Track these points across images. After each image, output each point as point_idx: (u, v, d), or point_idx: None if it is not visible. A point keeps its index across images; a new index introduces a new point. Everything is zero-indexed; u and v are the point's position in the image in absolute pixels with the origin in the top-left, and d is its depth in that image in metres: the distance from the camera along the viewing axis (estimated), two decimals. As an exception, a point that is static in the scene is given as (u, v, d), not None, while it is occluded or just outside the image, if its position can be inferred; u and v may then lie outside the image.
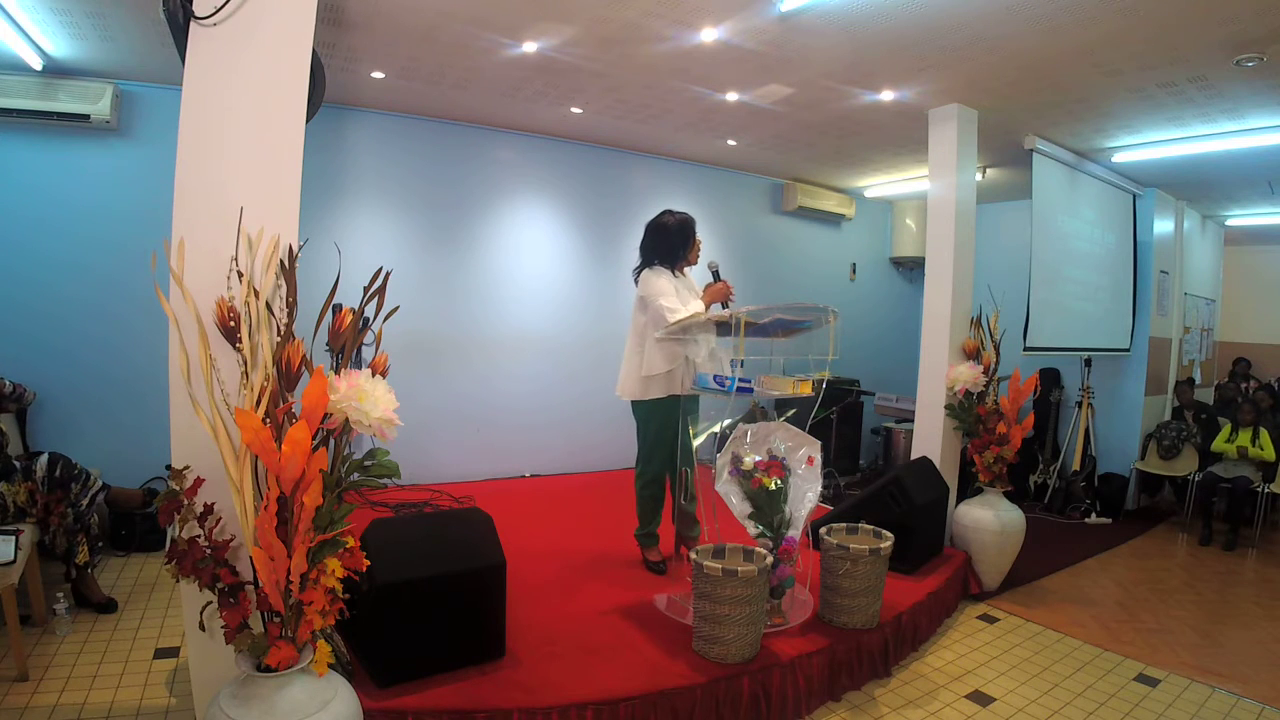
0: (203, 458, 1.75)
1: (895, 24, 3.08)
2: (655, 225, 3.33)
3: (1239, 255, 7.38)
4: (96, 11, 3.15)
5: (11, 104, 3.71)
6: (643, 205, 5.80)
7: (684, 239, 3.30)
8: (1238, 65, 3.26)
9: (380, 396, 1.71)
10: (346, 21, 3.28)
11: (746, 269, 6.36)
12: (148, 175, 3.96)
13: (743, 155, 5.74)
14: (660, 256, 3.29)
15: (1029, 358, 4.86)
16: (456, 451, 5.09)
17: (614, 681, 2.35)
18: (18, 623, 2.53)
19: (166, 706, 2.43)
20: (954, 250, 4.14)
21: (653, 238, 3.32)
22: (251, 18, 1.96)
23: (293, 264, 1.84)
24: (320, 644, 1.68)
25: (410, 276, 4.78)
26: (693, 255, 3.36)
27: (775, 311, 2.81)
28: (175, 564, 1.65)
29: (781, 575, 2.76)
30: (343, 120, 4.65)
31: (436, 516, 3.01)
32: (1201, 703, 2.84)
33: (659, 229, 3.31)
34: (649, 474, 3.37)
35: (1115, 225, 5.53)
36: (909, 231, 7.26)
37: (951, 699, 2.79)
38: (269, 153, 1.99)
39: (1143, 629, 3.53)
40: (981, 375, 3.93)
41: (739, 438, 2.91)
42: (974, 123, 4.21)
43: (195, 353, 1.74)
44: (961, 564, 3.76)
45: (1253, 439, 5.12)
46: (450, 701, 2.17)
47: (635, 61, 3.68)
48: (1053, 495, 5.65)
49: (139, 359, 3.91)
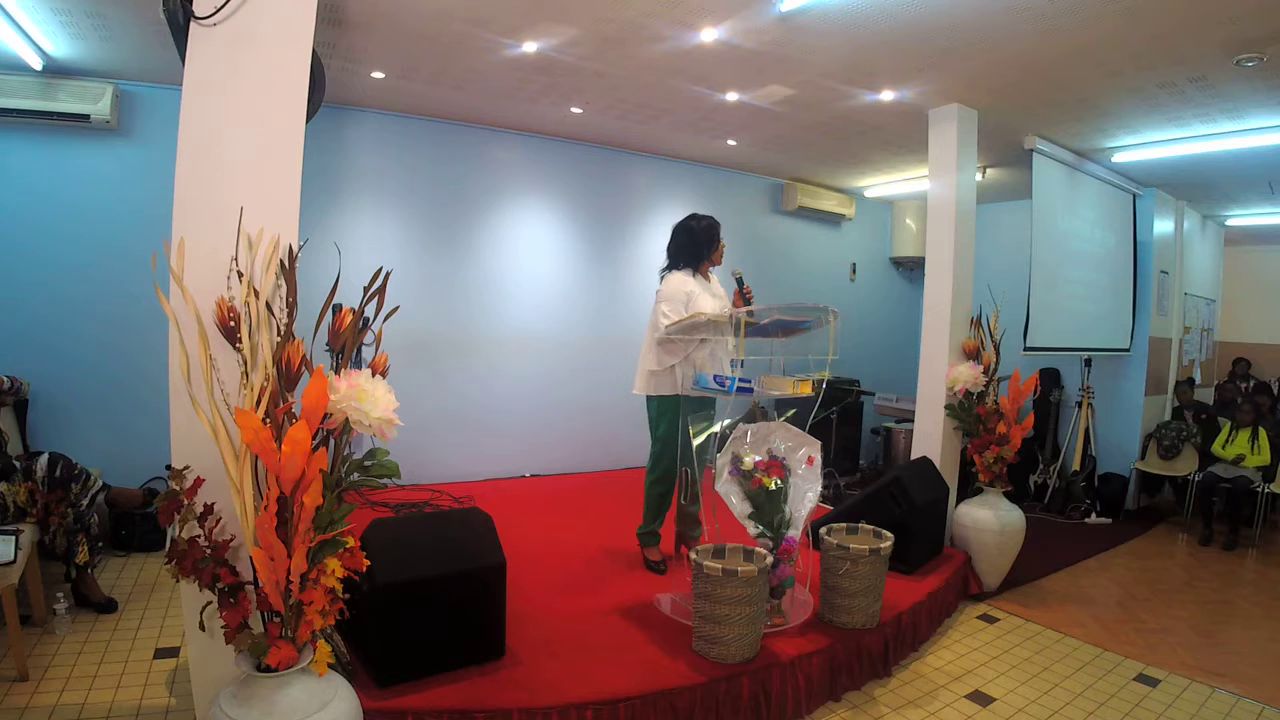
0: (203, 458, 1.75)
1: (895, 24, 3.08)
2: (681, 228, 3.41)
3: (1239, 255, 7.38)
4: (96, 12, 3.15)
5: (11, 104, 3.71)
6: (643, 205, 5.81)
7: (708, 242, 3.37)
8: (1238, 65, 3.26)
9: (380, 396, 1.71)
10: (346, 21, 3.28)
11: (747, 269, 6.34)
12: (148, 175, 3.97)
13: (743, 155, 5.74)
14: (684, 259, 3.37)
15: (1029, 358, 4.86)
16: (456, 451, 5.08)
17: (614, 681, 2.35)
18: (18, 623, 2.53)
19: (166, 706, 2.43)
20: (954, 250, 4.14)
21: (678, 240, 3.40)
22: (251, 18, 1.96)
23: (293, 264, 1.84)
24: (320, 644, 1.68)
25: (410, 276, 4.78)
26: (716, 257, 3.43)
27: (775, 312, 2.81)
28: (175, 564, 1.65)
29: (781, 575, 2.76)
30: (343, 120, 4.65)
31: (436, 516, 3.01)
32: (1201, 703, 2.84)
33: (684, 232, 3.39)
34: (658, 471, 3.40)
35: (1115, 225, 5.53)
36: (909, 231, 7.26)
37: (951, 699, 2.79)
38: (269, 153, 1.99)
39: (1143, 629, 3.53)
40: (981, 375, 3.93)
41: (739, 438, 2.91)
42: (974, 123, 4.21)
43: (195, 353, 1.74)
44: (961, 564, 3.76)
45: (1252, 439, 5.12)
46: (450, 701, 2.17)
47: (635, 61, 3.68)
48: (1053, 495, 5.65)
49: (139, 359, 3.91)
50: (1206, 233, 6.98)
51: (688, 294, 3.23)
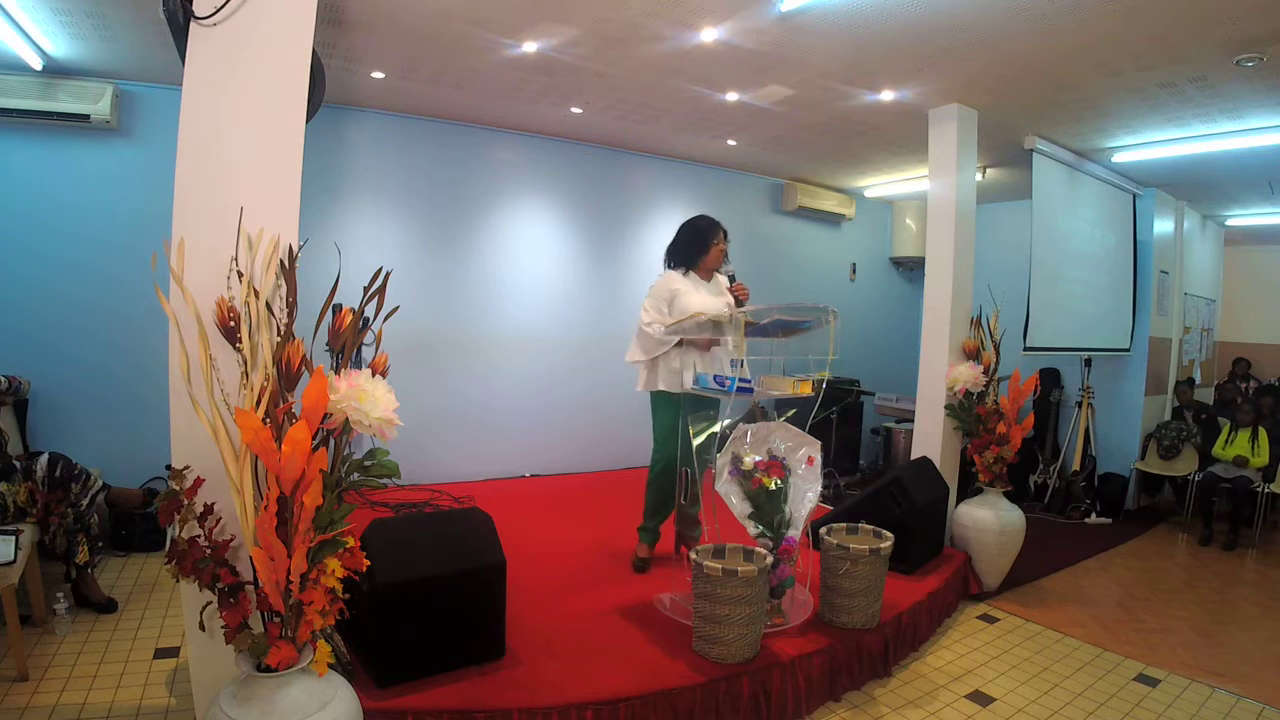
0: (203, 458, 1.75)
1: (895, 24, 3.08)
2: (681, 228, 3.43)
3: (1239, 255, 7.38)
4: (96, 12, 3.15)
5: (11, 104, 3.71)
6: (643, 205, 5.81)
7: (695, 244, 3.35)
8: (1238, 65, 3.26)
9: (380, 396, 1.71)
10: (346, 21, 3.28)
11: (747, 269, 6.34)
12: (148, 175, 3.96)
13: (743, 155, 5.74)
14: (676, 259, 3.38)
15: (1029, 358, 4.86)
16: (456, 451, 5.08)
17: (614, 681, 2.35)
18: (18, 623, 2.53)
19: (166, 706, 2.43)
20: (954, 250, 4.14)
21: (674, 240, 3.43)
22: (251, 18, 1.96)
23: (293, 264, 1.84)
24: (320, 644, 1.68)
25: (410, 276, 4.78)
26: (710, 261, 3.37)
27: (775, 312, 2.81)
28: (175, 564, 1.65)
29: (781, 575, 2.76)
30: (343, 120, 4.65)
31: (436, 516, 3.01)
32: (1201, 703, 2.84)
33: (680, 231, 3.42)
34: (659, 465, 3.40)
35: (1115, 225, 5.52)
36: (909, 231, 7.26)
37: (951, 699, 2.79)
38: (269, 153, 1.99)
39: (1143, 629, 3.53)
40: (981, 375, 3.92)
41: (739, 438, 2.91)
42: (974, 123, 4.21)
43: (195, 353, 1.74)
44: (961, 564, 3.76)
45: (1251, 439, 5.12)
46: (450, 701, 2.17)
47: (635, 61, 3.68)
48: (1053, 495, 5.65)
49: (139, 359, 3.90)
50: (1206, 233, 6.98)
51: (673, 292, 3.23)
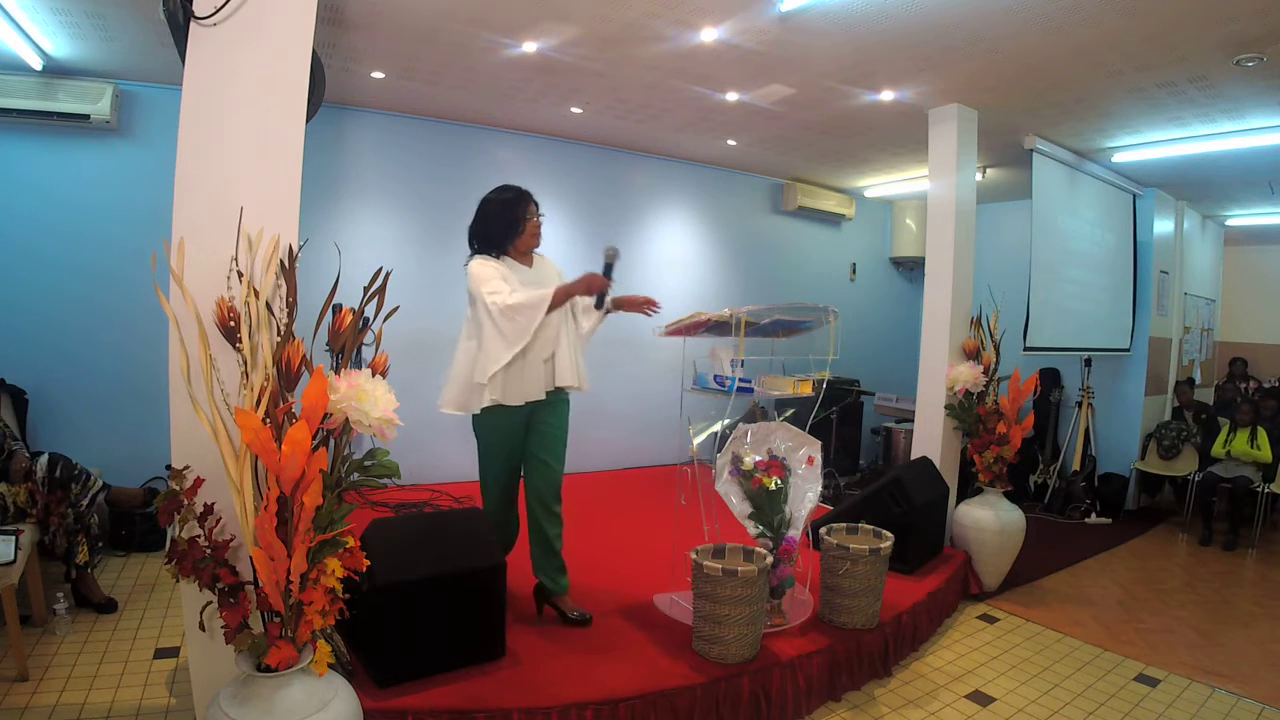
0: (203, 458, 1.75)
1: (895, 24, 3.08)
2: (481, 203, 2.73)
3: (1239, 255, 7.38)
4: (96, 11, 3.15)
5: (11, 104, 3.71)
6: (643, 205, 5.81)
7: (509, 220, 2.67)
8: (1238, 65, 3.26)
9: (380, 396, 1.71)
10: (346, 21, 3.28)
11: (746, 269, 6.37)
12: (148, 175, 3.96)
13: (743, 155, 5.74)
14: (483, 243, 2.71)
15: (1029, 358, 4.86)
16: (456, 451, 5.07)
17: (614, 681, 2.35)
18: (18, 623, 2.53)
19: (166, 706, 2.43)
20: (954, 250, 4.14)
21: (476, 220, 2.74)
22: (251, 18, 1.96)
23: (293, 264, 1.84)
24: (320, 644, 1.68)
25: (410, 276, 4.77)
26: (525, 239, 2.73)
27: (775, 312, 2.82)
28: (175, 564, 1.65)
29: (781, 575, 2.76)
30: (343, 120, 4.65)
31: (436, 516, 3.01)
32: (1201, 703, 2.84)
33: (481, 207, 2.72)
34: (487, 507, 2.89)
35: (1115, 225, 5.52)
36: (909, 231, 7.26)
37: (951, 699, 2.79)
38: (269, 153, 1.99)
39: (1143, 629, 3.53)
40: (981, 375, 3.92)
41: (739, 438, 2.91)
42: (974, 123, 4.21)
43: (195, 353, 1.74)
44: (961, 564, 3.76)
45: (1251, 439, 5.12)
46: (450, 701, 2.17)
47: (635, 61, 3.68)
48: (1053, 495, 5.65)
49: (139, 359, 3.91)
50: (1206, 233, 6.98)
51: (502, 274, 2.60)
